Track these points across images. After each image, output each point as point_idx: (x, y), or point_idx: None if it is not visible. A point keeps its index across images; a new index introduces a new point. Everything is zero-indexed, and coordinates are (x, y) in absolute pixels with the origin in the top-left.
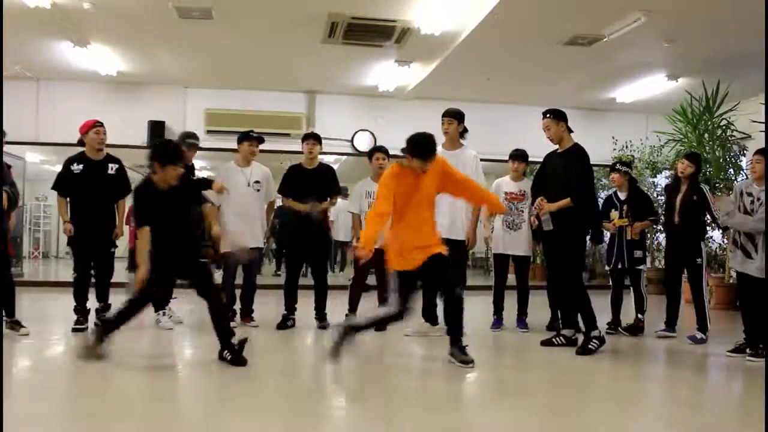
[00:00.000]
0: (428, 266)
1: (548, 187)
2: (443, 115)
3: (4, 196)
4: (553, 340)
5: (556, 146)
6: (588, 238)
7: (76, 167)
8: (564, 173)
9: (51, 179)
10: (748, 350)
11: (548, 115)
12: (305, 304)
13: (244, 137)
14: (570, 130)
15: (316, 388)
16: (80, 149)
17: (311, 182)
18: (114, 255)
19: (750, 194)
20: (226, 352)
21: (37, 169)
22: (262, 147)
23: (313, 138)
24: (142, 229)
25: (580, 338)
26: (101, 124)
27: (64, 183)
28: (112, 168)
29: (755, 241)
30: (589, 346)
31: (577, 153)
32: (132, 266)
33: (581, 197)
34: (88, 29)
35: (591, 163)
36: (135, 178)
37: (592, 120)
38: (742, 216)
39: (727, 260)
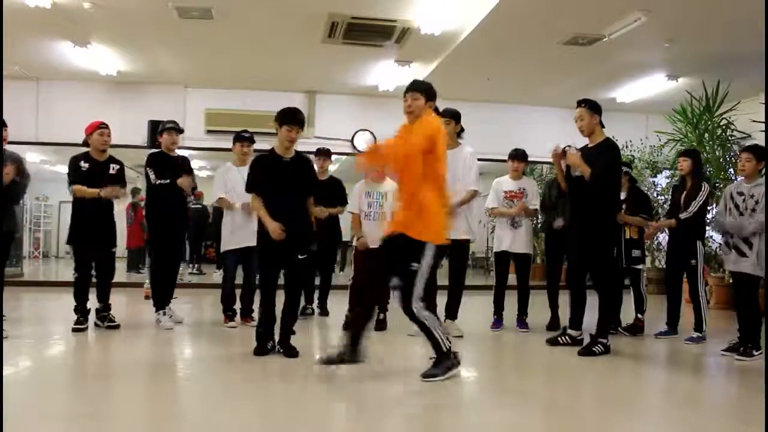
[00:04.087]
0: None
1: (578, 181)
2: (440, 116)
3: (10, 167)
4: (559, 339)
5: (585, 141)
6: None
7: (83, 164)
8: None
9: (51, 179)
10: (741, 349)
11: (583, 105)
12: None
13: (236, 138)
14: (602, 125)
15: (317, 388)
16: (84, 149)
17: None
18: (115, 255)
19: (741, 193)
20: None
21: (37, 169)
22: (262, 147)
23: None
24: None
25: (586, 338)
26: (106, 126)
27: (78, 177)
28: (113, 168)
29: (749, 241)
30: (594, 349)
31: (608, 145)
32: (131, 266)
33: (600, 183)
34: (88, 29)
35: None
36: (134, 177)
37: None
38: (737, 219)
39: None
